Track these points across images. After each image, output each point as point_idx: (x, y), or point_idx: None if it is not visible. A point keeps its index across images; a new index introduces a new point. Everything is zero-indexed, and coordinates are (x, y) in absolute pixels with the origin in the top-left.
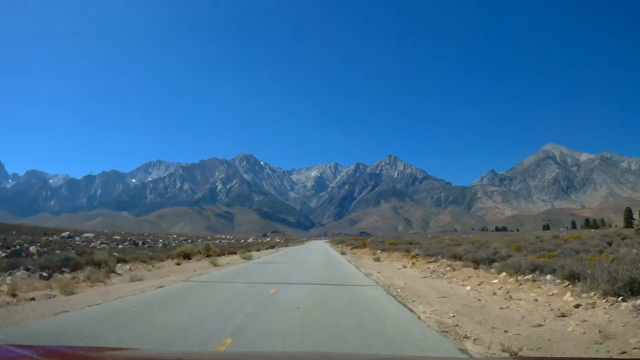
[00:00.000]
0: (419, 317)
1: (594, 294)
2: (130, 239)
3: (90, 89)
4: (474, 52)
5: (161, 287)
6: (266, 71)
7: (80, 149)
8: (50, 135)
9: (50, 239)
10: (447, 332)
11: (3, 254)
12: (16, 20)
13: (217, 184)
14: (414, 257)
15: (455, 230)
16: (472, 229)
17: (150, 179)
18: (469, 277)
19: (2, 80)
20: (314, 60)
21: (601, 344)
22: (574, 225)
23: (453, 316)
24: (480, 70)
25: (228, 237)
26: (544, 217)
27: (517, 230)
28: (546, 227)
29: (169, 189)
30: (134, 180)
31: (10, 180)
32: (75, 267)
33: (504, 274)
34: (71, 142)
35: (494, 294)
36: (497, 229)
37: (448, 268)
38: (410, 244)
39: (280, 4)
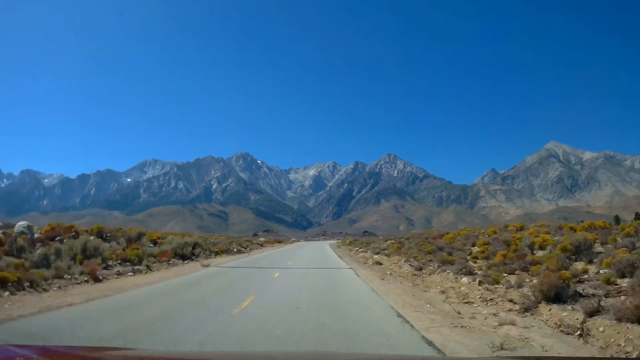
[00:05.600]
0: None
1: None
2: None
3: (87, 88)
4: (475, 50)
5: None
6: (263, 69)
7: (76, 148)
8: (46, 135)
9: None
10: None
11: None
12: (12, 20)
13: (212, 182)
14: None
15: (463, 229)
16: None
17: (144, 178)
18: None
19: None
20: (312, 58)
21: None
22: (617, 221)
23: None
24: (480, 67)
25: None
26: (558, 215)
27: None
28: None
29: (163, 188)
30: (128, 180)
31: (5, 180)
32: None
33: None
34: (67, 142)
35: None
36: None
37: None
38: None
39: (278, 3)
